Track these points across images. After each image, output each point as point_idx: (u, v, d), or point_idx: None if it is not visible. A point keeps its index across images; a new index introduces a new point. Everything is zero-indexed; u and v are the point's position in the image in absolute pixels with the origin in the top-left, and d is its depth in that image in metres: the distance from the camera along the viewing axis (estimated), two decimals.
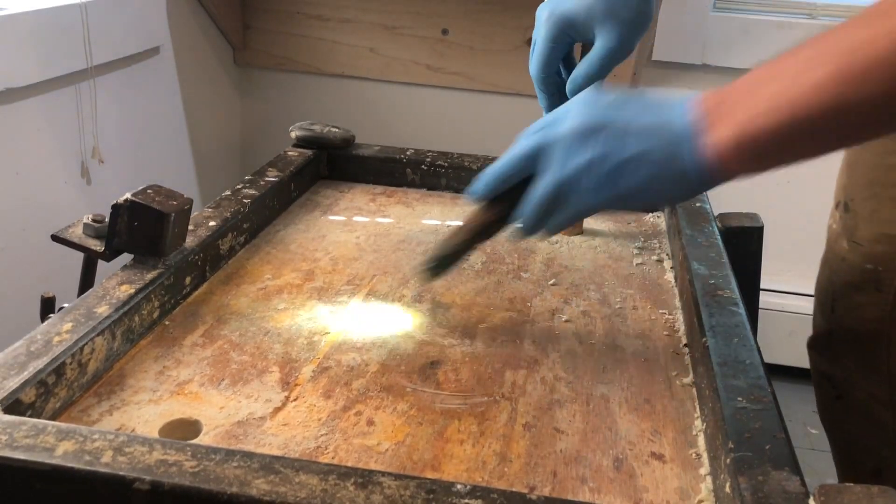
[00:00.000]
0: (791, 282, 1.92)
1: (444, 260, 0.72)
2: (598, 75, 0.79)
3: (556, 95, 0.83)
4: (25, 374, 0.56)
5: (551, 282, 0.86)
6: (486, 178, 0.68)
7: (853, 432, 1.12)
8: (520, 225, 0.67)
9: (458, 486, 0.48)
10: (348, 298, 0.79)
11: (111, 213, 0.73)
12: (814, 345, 1.13)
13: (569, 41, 0.80)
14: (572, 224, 0.68)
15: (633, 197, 0.62)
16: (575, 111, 0.64)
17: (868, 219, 1.05)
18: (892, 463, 1.07)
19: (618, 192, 0.61)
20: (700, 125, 0.58)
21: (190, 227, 0.79)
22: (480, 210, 0.69)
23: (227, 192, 0.91)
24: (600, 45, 0.77)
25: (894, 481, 0.95)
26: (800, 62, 0.54)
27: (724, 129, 0.57)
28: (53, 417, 0.59)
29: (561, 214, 0.65)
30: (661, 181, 0.60)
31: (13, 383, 0.55)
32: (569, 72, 0.84)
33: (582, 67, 0.79)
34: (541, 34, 0.79)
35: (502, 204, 0.67)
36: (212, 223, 0.83)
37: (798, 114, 0.53)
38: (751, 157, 0.57)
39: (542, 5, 0.80)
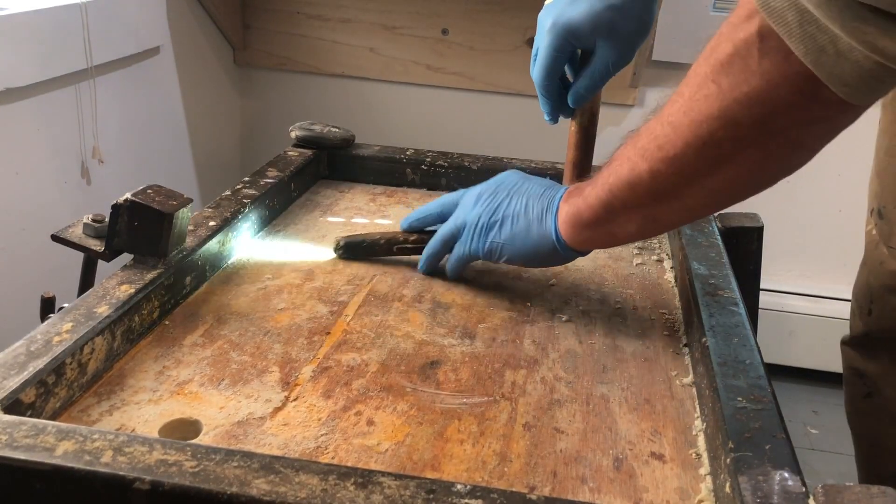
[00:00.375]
0: (791, 282, 1.92)
1: (357, 247, 0.87)
2: (600, 85, 0.81)
3: (558, 100, 0.83)
4: (25, 374, 0.56)
5: (551, 282, 0.86)
6: (413, 215, 0.86)
7: (878, 432, 1.14)
8: (423, 255, 0.84)
9: (458, 486, 0.48)
10: (348, 298, 0.79)
11: (111, 213, 0.73)
12: (849, 342, 1.15)
13: (571, 49, 0.80)
14: (463, 266, 0.82)
15: (508, 245, 0.77)
16: (488, 182, 0.81)
17: None
18: None
19: (498, 238, 0.77)
20: (562, 201, 0.73)
21: (190, 227, 0.79)
22: (405, 232, 0.87)
23: (227, 192, 0.91)
24: (601, 56, 0.78)
25: None
26: (621, 150, 0.65)
27: (566, 205, 0.72)
28: (53, 417, 0.59)
29: (454, 254, 0.81)
30: (530, 236, 0.75)
31: (13, 383, 0.55)
32: (573, 74, 0.84)
33: (584, 80, 0.80)
34: (544, 43, 0.79)
35: (420, 236, 0.85)
36: (212, 223, 0.83)
37: (607, 189, 0.66)
38: (580, 226, 0.70)
39: (543, 12, 0.80)
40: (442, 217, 0.83)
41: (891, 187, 1.10)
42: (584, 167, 0.95)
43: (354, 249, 0.87)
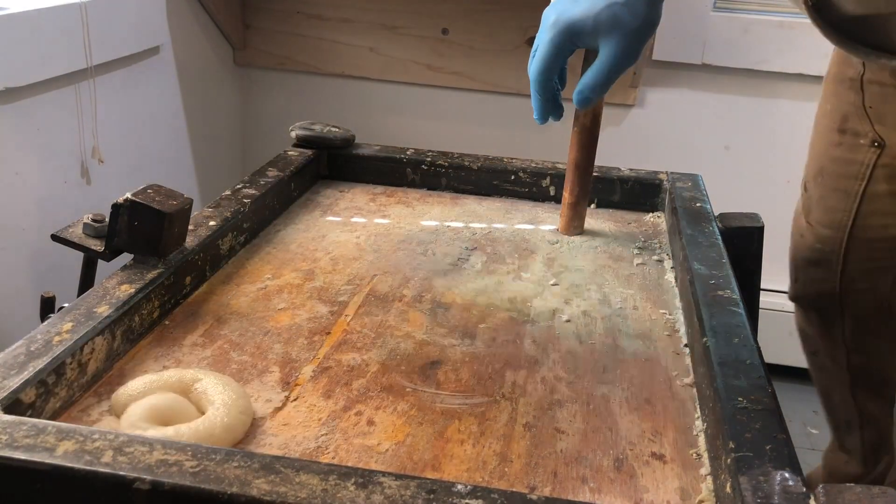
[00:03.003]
0: None
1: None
2: (606, 85, 0.79)
3: (551, 100, 0.83)
4: (25, 374, 0.56)
5: (552, 282, 0.86)
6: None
7: (826, 385, 1.23)
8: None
9: (459, 487, 0.47)
10: (348, 298, 0.79)
11: (111, 213, 0.73)
12: (793, 299, 1.22)
13: (572, 48, 0.79)
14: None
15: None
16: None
17: (818, 203, 1.13)
18: (853, 418, 1.19)
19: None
20: None
21: (190, 227, 0.79)
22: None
23: (227, 192, 0.91)
24: (606, 54, 0.77)
25: (861, 433, 1.01)
26: None
27: None
28: (53, 417, 0.59)
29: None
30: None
31: (13, 383, 0.55)
32: (562, 78, 0.83)
33: (588, 77, 0.79)
34: (544, 39, 0.79)
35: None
36: (212, 223, 0.83)
37: None
38: None
39: (548, 9, 0.80)
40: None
41: (813, 166, 1.14)
42: (586, 168, 0.95)
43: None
